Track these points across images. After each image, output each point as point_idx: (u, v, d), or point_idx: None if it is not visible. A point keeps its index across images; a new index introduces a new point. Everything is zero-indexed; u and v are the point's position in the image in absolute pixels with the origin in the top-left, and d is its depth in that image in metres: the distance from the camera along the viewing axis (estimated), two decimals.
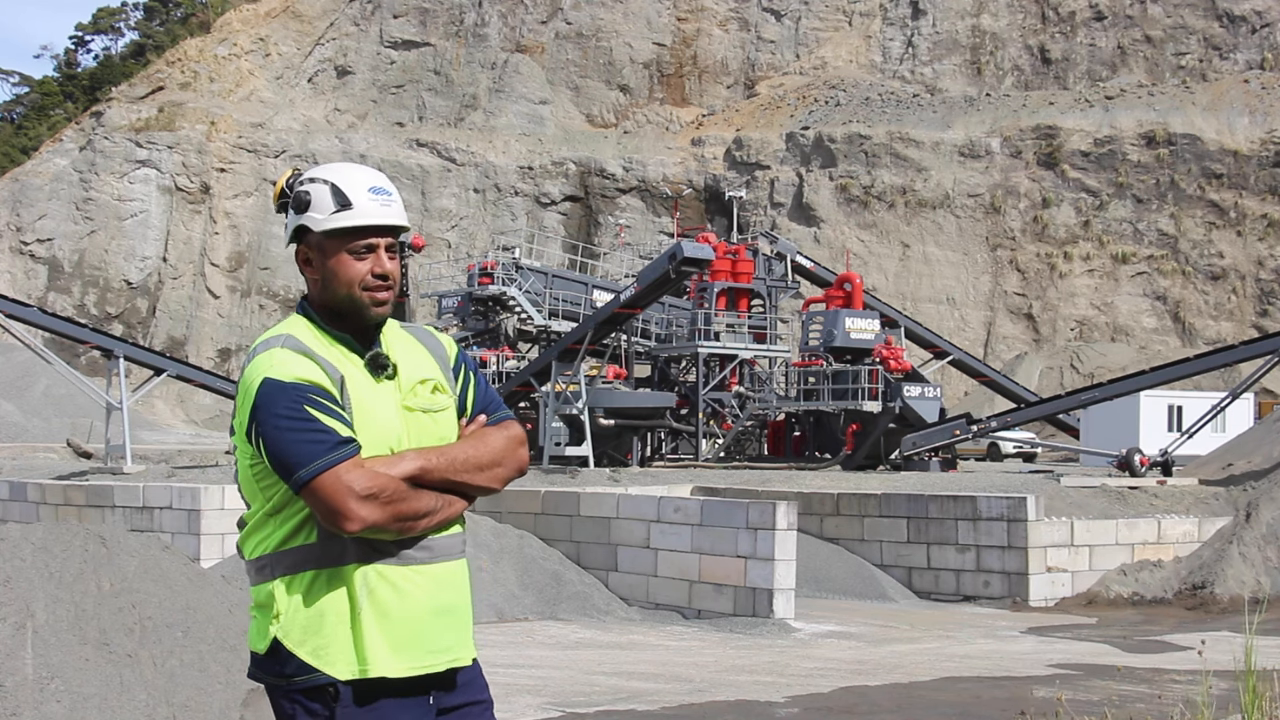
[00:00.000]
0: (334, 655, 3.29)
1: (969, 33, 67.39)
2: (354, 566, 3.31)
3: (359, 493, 3.23)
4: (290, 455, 3.24)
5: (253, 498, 3.42)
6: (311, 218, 3.42)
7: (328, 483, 3.22)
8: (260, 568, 3.37)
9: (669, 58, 70.33)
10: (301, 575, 3.32)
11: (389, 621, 3.32)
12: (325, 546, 3.31)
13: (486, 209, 65.75)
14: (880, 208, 60.51)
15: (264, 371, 3.31)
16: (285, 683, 3.32)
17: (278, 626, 3.31)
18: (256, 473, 3.37)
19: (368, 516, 3.23)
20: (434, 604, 3.38)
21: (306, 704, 3.31)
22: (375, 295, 3.42)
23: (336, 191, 3.41)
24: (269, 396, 3.28)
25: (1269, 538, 21.39)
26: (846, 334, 34.93)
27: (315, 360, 3.34)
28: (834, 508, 22.91)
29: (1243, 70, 62.30)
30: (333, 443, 3.25)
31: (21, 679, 7.38)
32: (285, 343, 3.36)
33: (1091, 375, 47.46)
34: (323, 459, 3.23)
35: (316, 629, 3.30)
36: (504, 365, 37.93)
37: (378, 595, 3.31)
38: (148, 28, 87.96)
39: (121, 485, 23.35)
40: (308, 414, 3.26)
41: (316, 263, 3.44)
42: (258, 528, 3.40)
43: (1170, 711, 8.65)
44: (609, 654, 14.76)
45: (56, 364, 32.70)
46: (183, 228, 64.40)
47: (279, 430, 3.26)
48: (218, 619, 8.57)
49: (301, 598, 3.31)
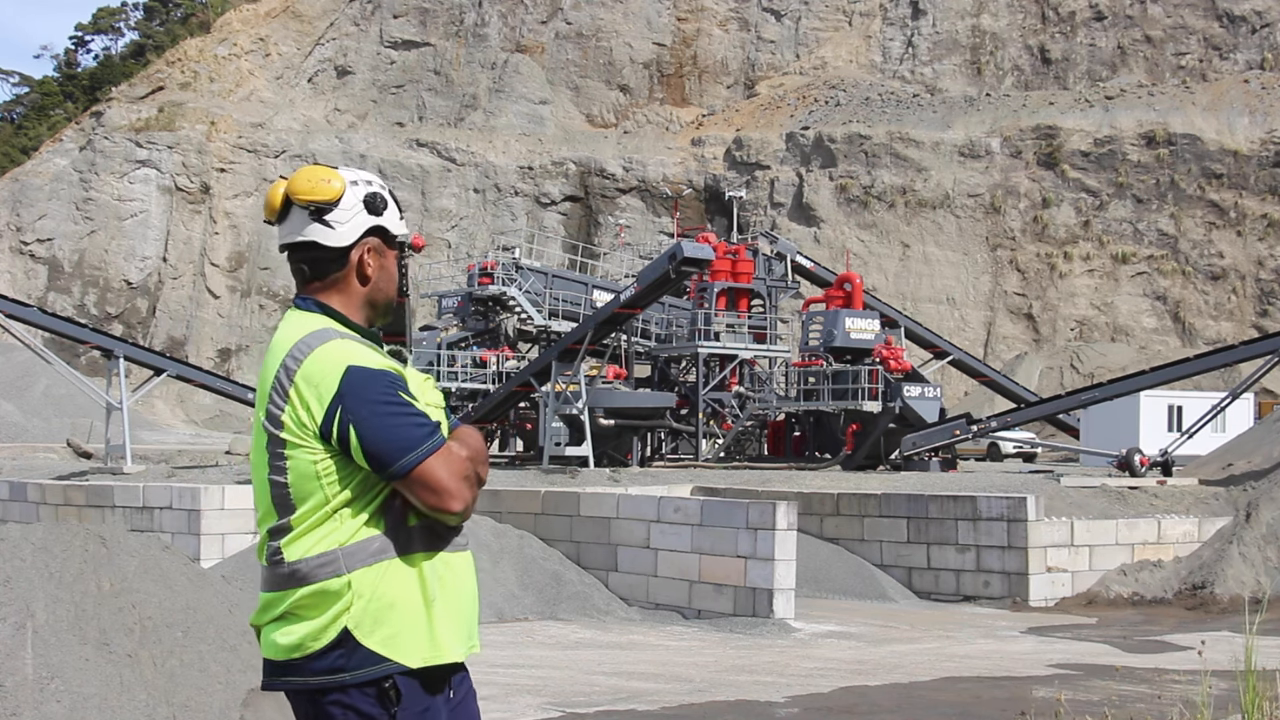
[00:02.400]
0: (406, 643, 3.31)
1: (969, 33, 67.39)
2: (422, 555, 3.36)
3: (461, 475, 3.32)
4: (395, 441, 3.26)
5: (308, 496, 3.33)
6: (390, 220, 3.51)
7: (436, 466, 3.28)
8: (323, 564, 3.30)
9: (669, 58, 70.33)
10: (375, 565, 3.32)
11: (453, 607, 3.39)
12: (395, 536, 3.34)
13: (486, 209, 65.75)
14: (880, 208, 60.51)
15: (346, 359, 3.30)
16: (348, 676, 3.28)
17: (349, 617, 3.29)
18: (324, 468, 3.32)
19: (468, 497, 3.34)
20: (473, 588, 3.49)
21: (363, 708, 3.28)
22: (398, 298, 3.61)
23: (392, 198, 3.56)
24: (361, 384, 3.28)
25: (1269, 538, 21.38)
26: (846, 334, 34.93)
27: (380, 351, 3.41)
28: (834, 508, 22.91)
29: (1243, 70, 62.30)
30: (433, 427, 3.32)
31: (21, 679, 7.38)
32: (344, 335, 3.39)
33: (1091, 375, 47.45)
34: (428, 443, 3.28)
35: (386, 618, 3.31)
36: (504, 365, 37.93)
37: (446, 581, 3.38)
38: (148, 28, 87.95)
39: (121, 485, 23.36)
40: (403, 399, 3.31)
41: (374, 264, 3.50)
42: (316, 525, 3.33)
43: (1170, 711, 8.65)
44: (609, 654, 14.76)
45: (56, 364, 32.71)
46: (183, 228, 64.39)
47: (378, 416, 3.27)
48: (218, 619, 8.57)
49: (374, 589, 3.31)
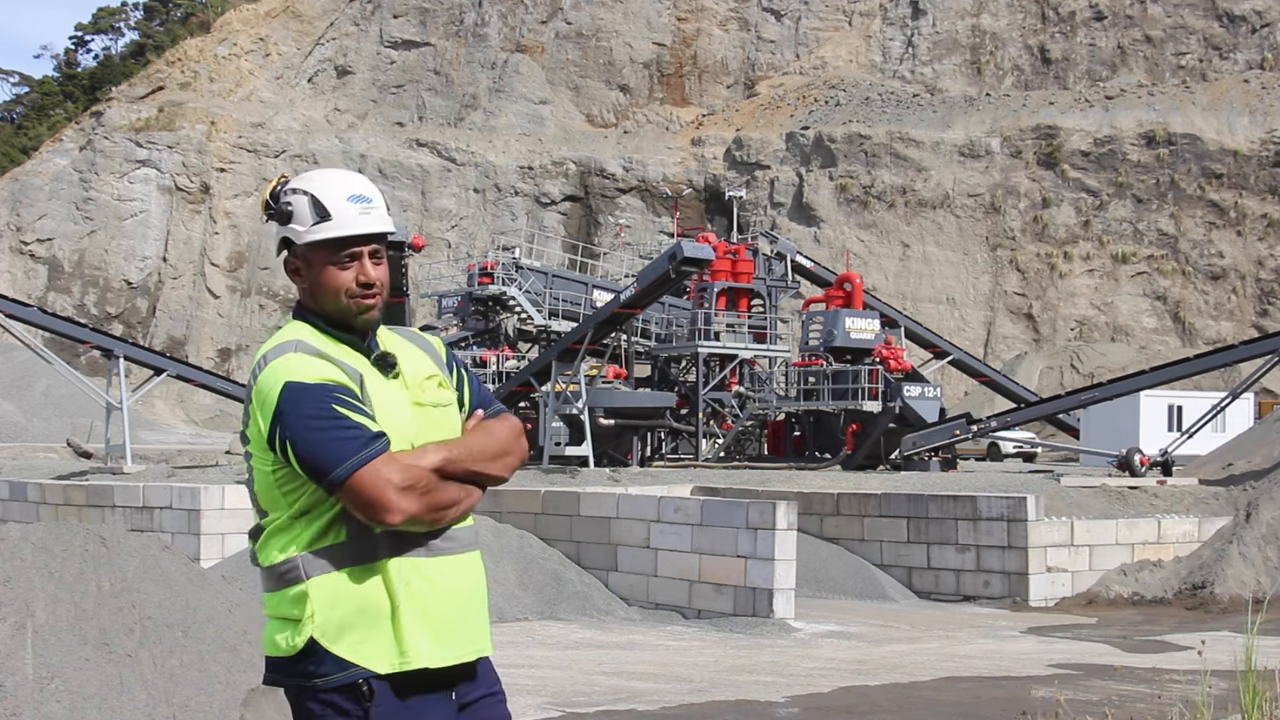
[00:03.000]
0: (372, 650, 3.31)
1: (969, 33, 67.38)
2: (387, 561, 3.34)
3: (398, 485, 3.27)
4: (324, 454, 3.26)
5: (273, 505, 3.40)
6: (293, 230, 3.44)
7: (366, 477, 3.25)
8: (286, 571, 3.36)
9: (669, 58, 70.32)
10: (335, 573, 3.33)
11: (426, 612, 3.35)
12: (357, 543, 3.34)
13: (486, 209, 65.74)
14: (880, 208, 60.50)
15: (284, 376, 3.32)
16: (320, 682, 3.31)
17: (314, 626, 3.31)
18: (279, 479, 3.37)
19: (408, 508, 3.29)
20: (463, 594, 3.44)
21: (339, 704, 3.30)
22: (362, 302, 3.45)
23: (315, 202, 3.43)
24: (294, 400, 3.29)
25: (1269, 538, 21.38)
26: (846, 334, 34.92)
27: (332, 361, 3.37)
28: (834, 508, 22.91)
29: (1243, 70, 62.29)
30: (366, 438, 3.28)
31: (21, 679, 7.38)
32: (298, 348, 3.38)
33: (1091, 375, 47.42)
34: (358, 455, 3.26)
35: (353, 625, 3.32)
36: (504, 365, 37.91)
37: (413, 587, 3.35)
38: (148, 28, 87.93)
39: (121, 485, 23.36)
40: (337, 412, 3.29)
41: (304, 273, 3.47)
42: (280, 532, 3.39)
43: (1170, 711, 8.65)
44: (609, 654, 14.75)
45: (56, 364, 32.69)
46: (183, 228, 64.39)
47: (309, 431, 3.27)
48: (218, 619, 8.56)
49: (337, 596, 3.32)
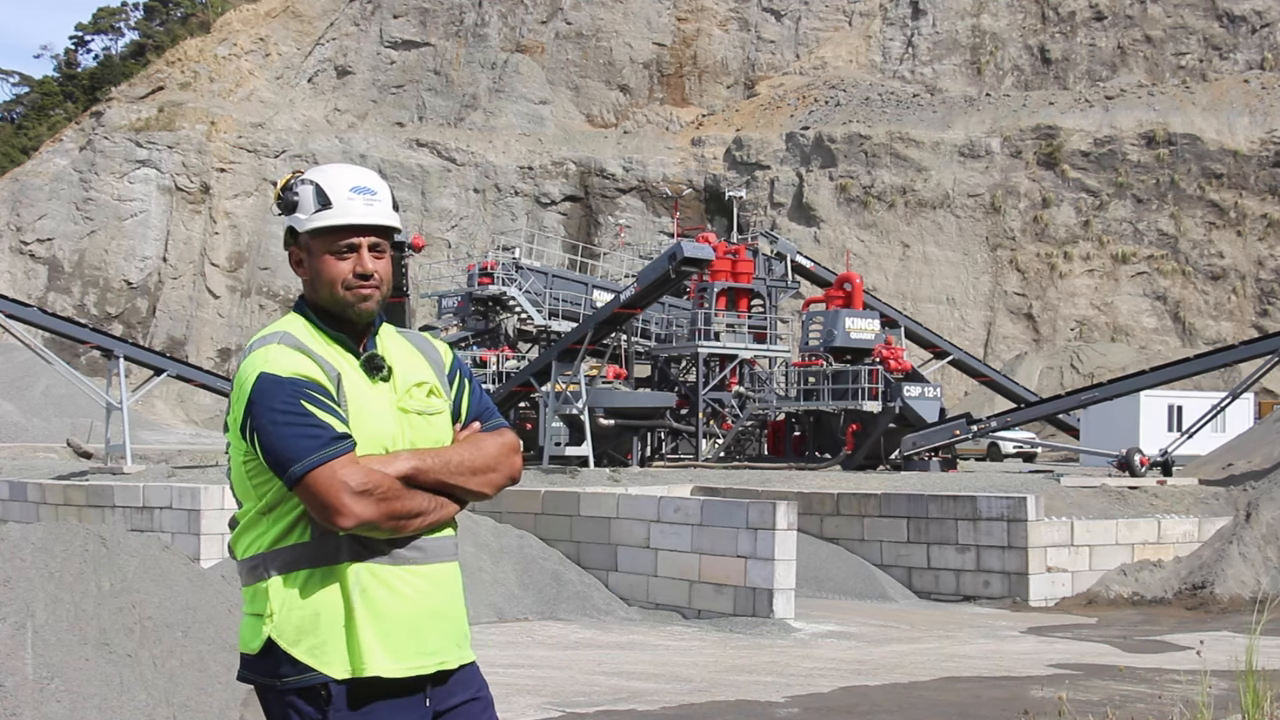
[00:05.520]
0: (329, 655, 3.27)
1: (969, 33, 67.37)
2: (348, 565, 3.29)
3: (354, 488, 3.22)
4: (285, 449, 3.23)
5: (245, 496, 3.39)
6: (296, 218, 3.45)
7: (322, 477, 3.21)
8: (253, 567, 3.35)
9: (669, 58, 70.30)
10: (295, 574, 3.30)
11: (383, 621, 3.30)
12: (319, 545, 3.30)
13: (486, 209, 65.73)
14: (880, 208, 60.49)
15: (259, 366, 3.31)
16: (279, 683, 3.29)
17: (271, 626, 3.29)
18: (250, 469, 3.35)
19: (361, 513, 3.23)
20: (427, 605, 3.37)
21: (299, 705, 3.28)
22: (358, 294, 3.42)
23: (319, 192, 3.43)
24: (265, 391, 3.28)
25: (1269, 538, 21.38)
26: (846, 334, 34.92)
27: (312, 357, 3.35)
28: (834, 508, 22.91)
29: (1243, 70, 62.28)
30: (328, 438, 3.25)
31: (21, 679, 7.37)
32: (282, 339, 3.36)
33: (1091, 375, 47.41)
34: (318, 454, 3.22)
35: (311, 628, 3.28)
36: (504, 365, 37.90)
37: (371, 594, 3.30)
38: (148, 28, 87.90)
39: (121, 485, 23.35)
40: (304, 409, 3.26)
41: (306, 263, 3.47)
42: (250, 526, 3.38)
43: (1170, 711, 8.65)
44: (609, 654, 14.75)
45: (56, 364, 32.68)
46: (183, 228, 64.39)
47: (274, 424, 3.25)
48: (218, 619, 8.57)
49: (296, 597, 3.29)
